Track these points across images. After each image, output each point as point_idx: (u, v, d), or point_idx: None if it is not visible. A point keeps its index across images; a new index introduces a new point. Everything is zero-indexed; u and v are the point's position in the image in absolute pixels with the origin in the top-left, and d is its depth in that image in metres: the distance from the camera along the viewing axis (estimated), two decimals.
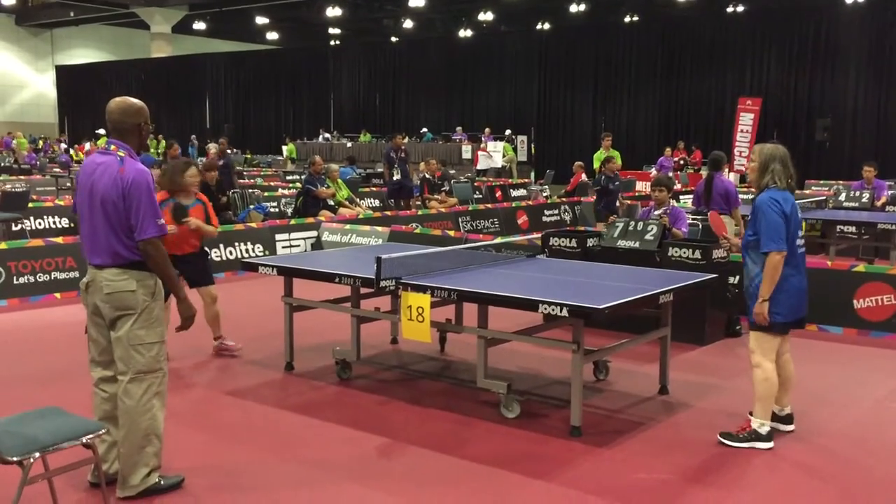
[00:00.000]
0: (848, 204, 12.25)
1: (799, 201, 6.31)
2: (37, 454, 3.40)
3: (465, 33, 37.03)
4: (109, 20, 42.45)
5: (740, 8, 30.33)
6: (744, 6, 30.67)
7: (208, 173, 10.70)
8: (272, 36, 45.98)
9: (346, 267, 6.04)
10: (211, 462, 4.64)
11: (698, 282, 5.73)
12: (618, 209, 12.35)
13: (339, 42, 44.56)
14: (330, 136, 33.11)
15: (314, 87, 36.75)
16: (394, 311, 6.25)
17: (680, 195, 14.87)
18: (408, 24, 39.12)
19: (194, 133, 35.29)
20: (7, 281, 8.80)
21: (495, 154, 26.02)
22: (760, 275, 4.82)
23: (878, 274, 7.70)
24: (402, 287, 5.34)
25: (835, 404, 5.75)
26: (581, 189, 17.55)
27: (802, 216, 5.24)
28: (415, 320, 5.25)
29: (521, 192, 20.23)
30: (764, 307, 4.82)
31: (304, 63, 37.33)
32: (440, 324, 5.82)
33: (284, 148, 30.96)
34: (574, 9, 33.17)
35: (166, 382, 4.20)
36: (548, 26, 34.61)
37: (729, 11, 29.85)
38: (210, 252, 7.84)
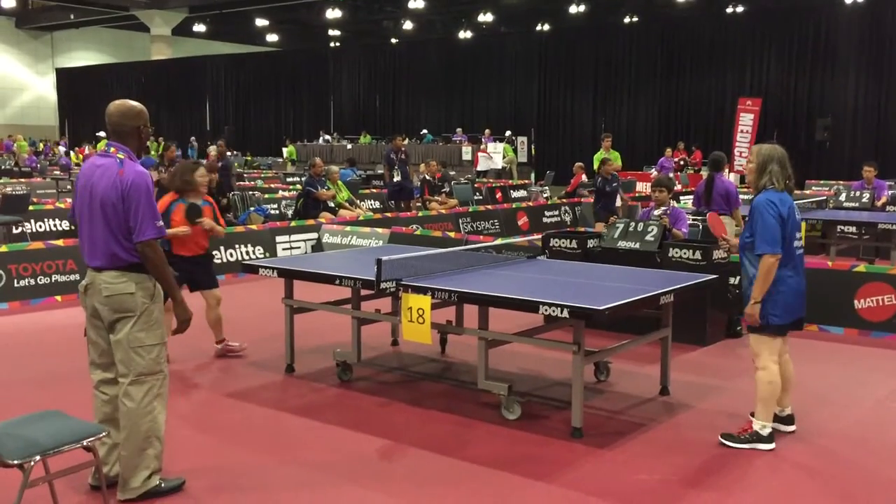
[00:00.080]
0: (848, 204, 12.24)
1: (799, 201, 6.31)
2: (37, 457, 3.40)
3: (465, 34, 37.04)
4: (109, 23, 42.48)
5: (740, 8, 30.33)
6: (743, 6, 30.67)
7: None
8: (272, 38, 45.99)
9: (347, 269, 6.04)
10: (211, 464, 4.64)
11: (699, 282, 5.73)
12: (617, 210, 12.36)
13: (339, 44, 44.59)
14: (330, 138, 33.11)
15: (314, 89, 36.77)
16: (394, 313, 6.26)
17: (680, 196, 14.87)
18: (408, 26, 39.15)
19: (194, 135, 35.34)
20: (8, 284, 8.80)
21: (495, 155, 26.02)
22: None
23: (879, 274, 7.70)
24: (403, 289, 5.34)
25: (836, 405, 5.75)
26: (594, 190, 17.53)
27: (803, 216, 5.24)
28: (415, 322, 5.25)
29: (522, 194, 20.23)
30: (755, 309, 4.81)
31: (304, 65, 37.35)
32: (441, 325, 5.82)
33: (284, 150, 30.98)
34: (574, 10, 33.19)
35: (167, 384, 4.20)
36: (547, 27, 34.63)
37: (728, 12, 29.85)
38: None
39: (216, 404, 5.75)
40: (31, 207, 13.23)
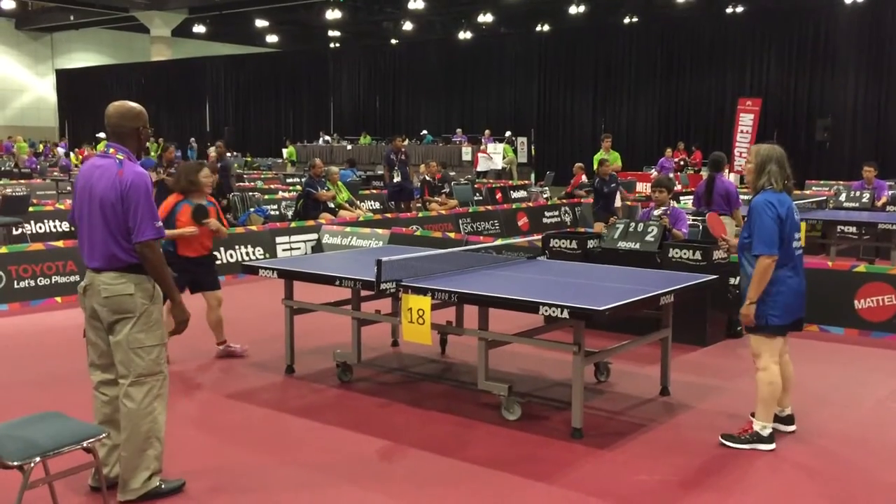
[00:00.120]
0: (848, 204, 12.24)
1: (799, 202, 6.30)
2: (37, 459, 3.40)
3: (465, 35, 37.02)
4: (109, 24, 42.47)
5: (739, 9, 30.32)
6: (743, 7, 30.66)
7: None
8: (272, 39, 45.99)
9: (347, 269, 6.04)
10: (211, 465, 4.64)
11: (699, 283, 5.72)
12: (617, 210, 12.38)
13: (339, 44, 44.59)
14: (330, 139, 33.10)
15: (314, 90, 36.77)
16: (394, 314, 6.25)
17: (680, 196, 14.87)
18: (407, 27, 39.14)
19: (194, 136, 35.34)
20: (8, 285, 8.80)
21: (495, 156, 26.00)
22: None
23: (879, 274, 7.69)
24: (403, 289, 5.34)
25: (836, 405, 5.75)
26: (591, 191, 17.54)
27: (803, 217, 5.24)
28: (415, 322, 5.25)
29: (522, 194, 20.22)
30: (750, 310, 4.82)
31: (304, 66, 37.35)
32: (441, 326, 5.81)
33: (284, 151, 30.97)
34: (573, 10, 33.17)
35: (167, 385, 4.20)
36: (547, 28, 34.62)
37: (728, 12, 29.84)
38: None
39: (216, 405, 5.75)
40: (31, 209, 13.24)
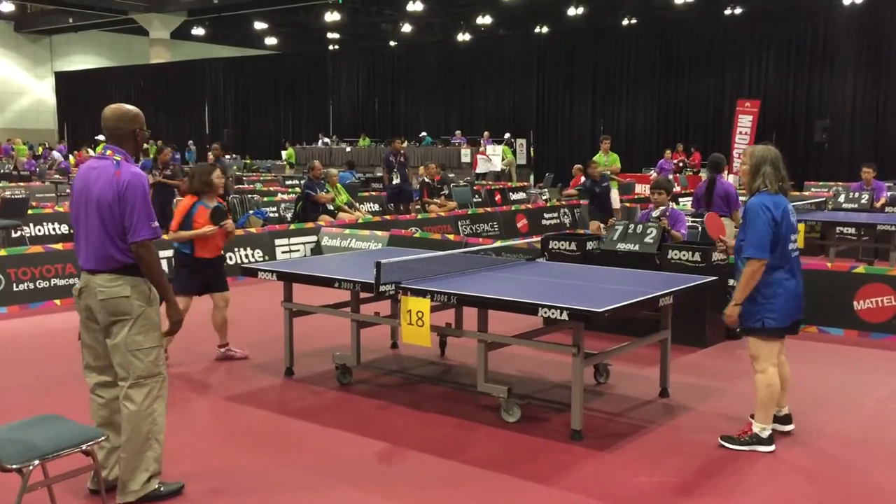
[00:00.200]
0: (847, 205, 12.24)
1: (798, 203, 6.30)
2: (36, 461, 3.40)
3: (464, 37, 37.02)
4: (108, 26, 42.45)
5: (738, 10, 30.34)
6: (742, 8, 30.68)
7: None
8: (271, 41, 45.98)
9: (346, 272, 6.04)
10: (211, 467, 4.63)
11: (698, 284, 5.72)
12: (616, 212, 12.42)
13: (338, 47, 44.59)
14: (329, 141, 33.10)
15: (313, 92, 36.76)
16: (394, 316, 6.25)
17: (679, 197, 14.88)
18: (406, 29, 39.14)
19: (194, 138, 35.33)
20: (7, 288, 8.79)
21: (494, 157, 26.00)
22: None
23: (878, 275, 7.69)
24: (402, 291, 5.34)
25: (835, 406, 5.75)
26: (582, 193, 17.53)
27: (802, 218, 5.23)
28: (415, 324, 5.25)
29: (521, 196, 20.22)
30: (735, 311, 4.82)
31: (303, 68, 37.34)
32: (440, 328, 5.81)
33: (283, 153, 30.97)
34: (572, 12, 33.17)
35: (166, 387, 4.19)
36: (546, 30, 34.62)
37: (727, 14, 29.85)
38: None
39: (215, 407, 5.74)
40: (30, 211, 13.24)
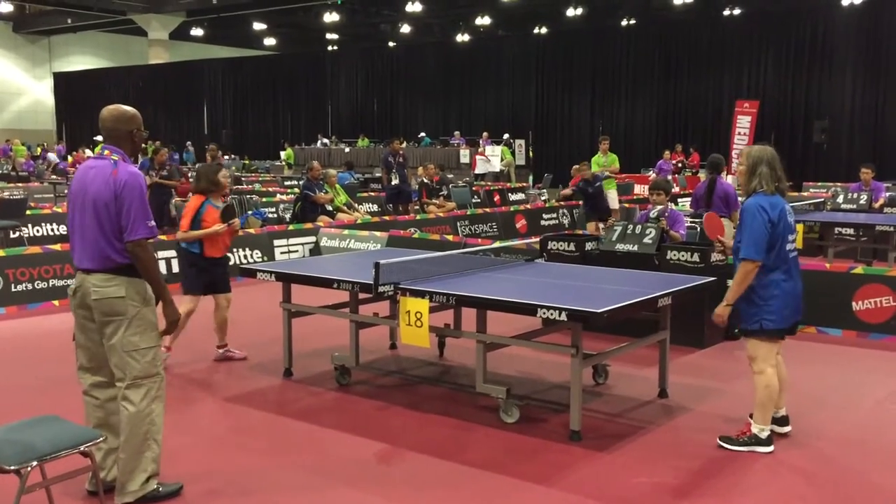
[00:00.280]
0: (846, 206, 12.25)
1: (797, 203, 6.30)
2: (34, 463, 3.39)
3: (463, 38, 37.02)
4: (107, 27, 42.42)
5: (737, 11, 30.35)
6: (740, 9, 30.69)
7: None
8: (270, 41, 45.98)
9: (345, 272, 6.04)
10: (209, 468, 4.63)
11: (697, 285, 5.72)
12: (614, 212, 12.44)
13: (337, 47, 44.59)
14: (328, 141, 33.08)
15: (312, 93, 36.75)
16: (392, 317, 6.25)
17: (678, 198, 14.88)
18: (405, 29, 39.14)
19: (192, 139, 35.31)
20: (5, 288, 8.78)
21: (493, 158, 26.00)
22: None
23: (877, 276, 7.70)
24: (401, 292, 5.34)
25: (834, 407, 5.75)
26: (576, 194, 17.54)
27: (801, 218, 5.23)
28: (413, 325, 5.25)
29: (520, 196, 20.22)
30: (725, 311, 4.83)
31: (302, 68, 37.34)
32: (439, 329, 5.81)
33: (282, 153, 30.95)
34: (571, 13, 33.16)
35: (164, 386, 4.19)
36: (545, 30, 34.64)
37: (726, 14, 29.86)
38: None
39: (214, 408, 5.74)
40: (29, 212, 13.24)
